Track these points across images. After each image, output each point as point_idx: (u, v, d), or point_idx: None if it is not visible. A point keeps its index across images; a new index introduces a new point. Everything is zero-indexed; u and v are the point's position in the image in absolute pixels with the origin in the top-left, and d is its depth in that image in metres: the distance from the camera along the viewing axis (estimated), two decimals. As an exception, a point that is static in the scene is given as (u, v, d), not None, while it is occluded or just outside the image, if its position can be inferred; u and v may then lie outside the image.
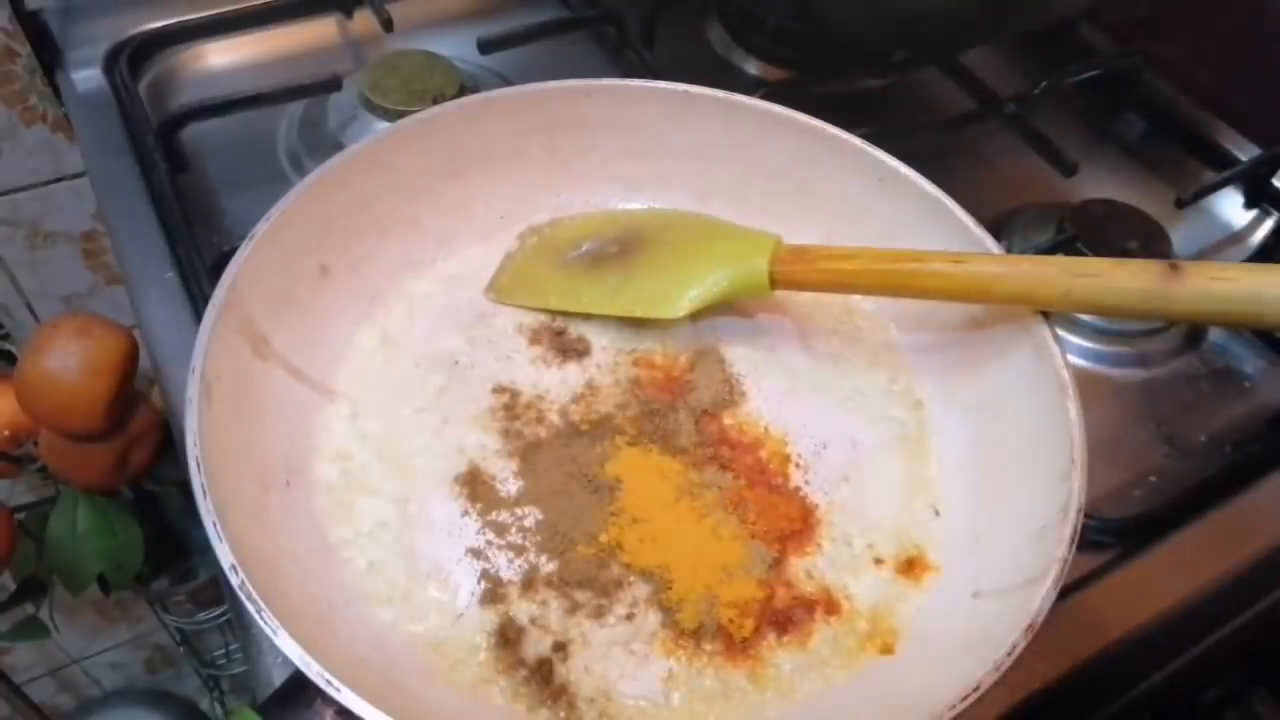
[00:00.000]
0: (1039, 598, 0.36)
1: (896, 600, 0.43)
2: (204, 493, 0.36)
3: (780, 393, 0.50)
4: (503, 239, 0.55)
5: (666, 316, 0.50)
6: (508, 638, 0.41)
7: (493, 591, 0.42)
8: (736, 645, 0.41)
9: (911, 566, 0.44)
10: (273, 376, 0.45)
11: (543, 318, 0.52)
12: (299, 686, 0.34)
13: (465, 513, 0.45)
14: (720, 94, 0.53)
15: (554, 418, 0.48)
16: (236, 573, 0.34)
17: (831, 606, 0.43)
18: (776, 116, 0.53)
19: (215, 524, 0.36)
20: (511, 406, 0.49)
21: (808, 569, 0.44)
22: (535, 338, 0.52)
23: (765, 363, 0.51)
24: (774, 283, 0.47)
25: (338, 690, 0.32)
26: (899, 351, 0.52)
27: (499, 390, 0.49)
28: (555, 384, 0.50)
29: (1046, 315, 0.45)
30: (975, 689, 0.34)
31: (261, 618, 0.33)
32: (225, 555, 0.35)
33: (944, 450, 0.48)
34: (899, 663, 0.41)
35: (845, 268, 0.46)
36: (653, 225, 0.54)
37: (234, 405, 0.41)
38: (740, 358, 0.51)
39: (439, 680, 0.39)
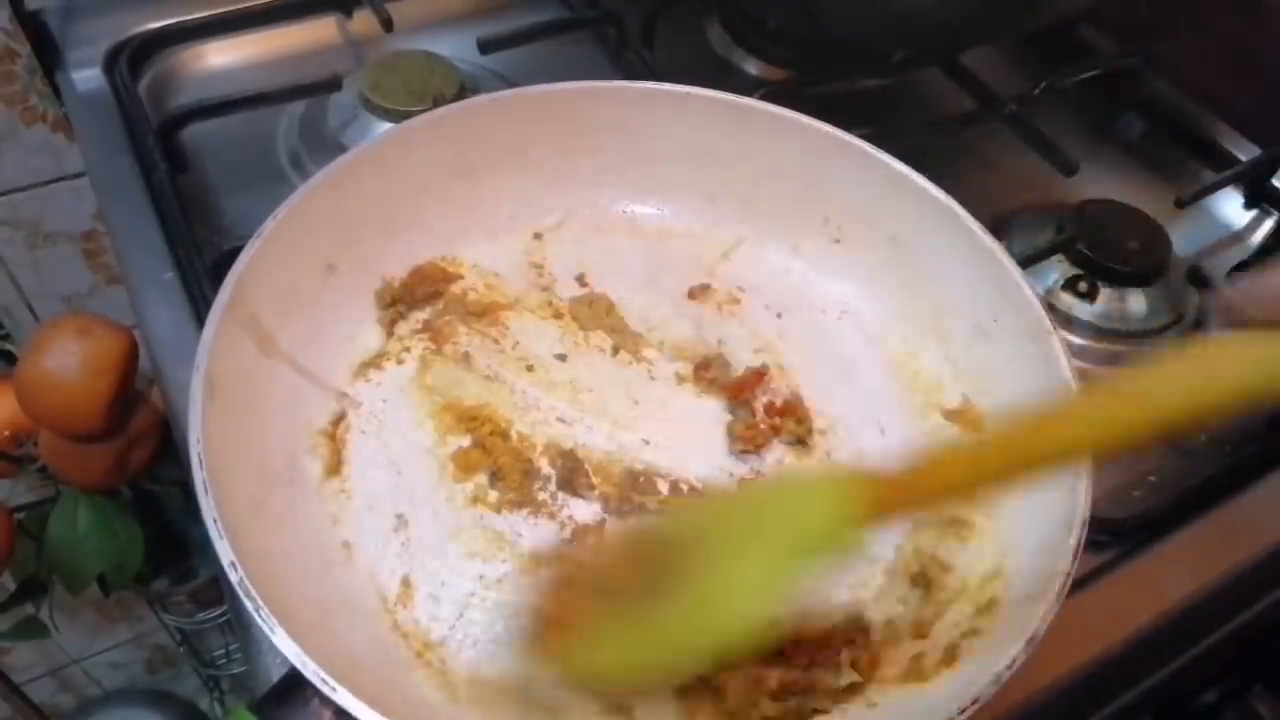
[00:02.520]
0: (1041, 610, 0.36)
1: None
2: (205, 489, 0.36)
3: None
4: (509, 239, 0.55)
5: (729, 642, 0.34)
6: (508, 636, 0.41)
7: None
8: None
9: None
10: (278, 374, 0.45)
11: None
12: (296, 685, 0.34)
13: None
14: (729, 97, 0.53)
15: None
16: (236, 570, 0.34)
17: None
18: (786, 120, 0.52)
19: (216, 521, 0.36)
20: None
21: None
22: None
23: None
24: (861, 523, 0.34)
25: (334, 690, 0.32)
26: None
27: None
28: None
29: (1054, 328, 0.44)
30: (974, 701, 0.34)
31: (259, 615, 0.33)
32: (225, 552, 0.35)
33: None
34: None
35: (947, 480, 0.33)
36: (679, 533, 0.38)
37: (238, 402, 0.41)
38: (749, 364, 0.51)
39: (437, 680, 0.39)
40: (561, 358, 0.51)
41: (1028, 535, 0.41)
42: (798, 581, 0.34)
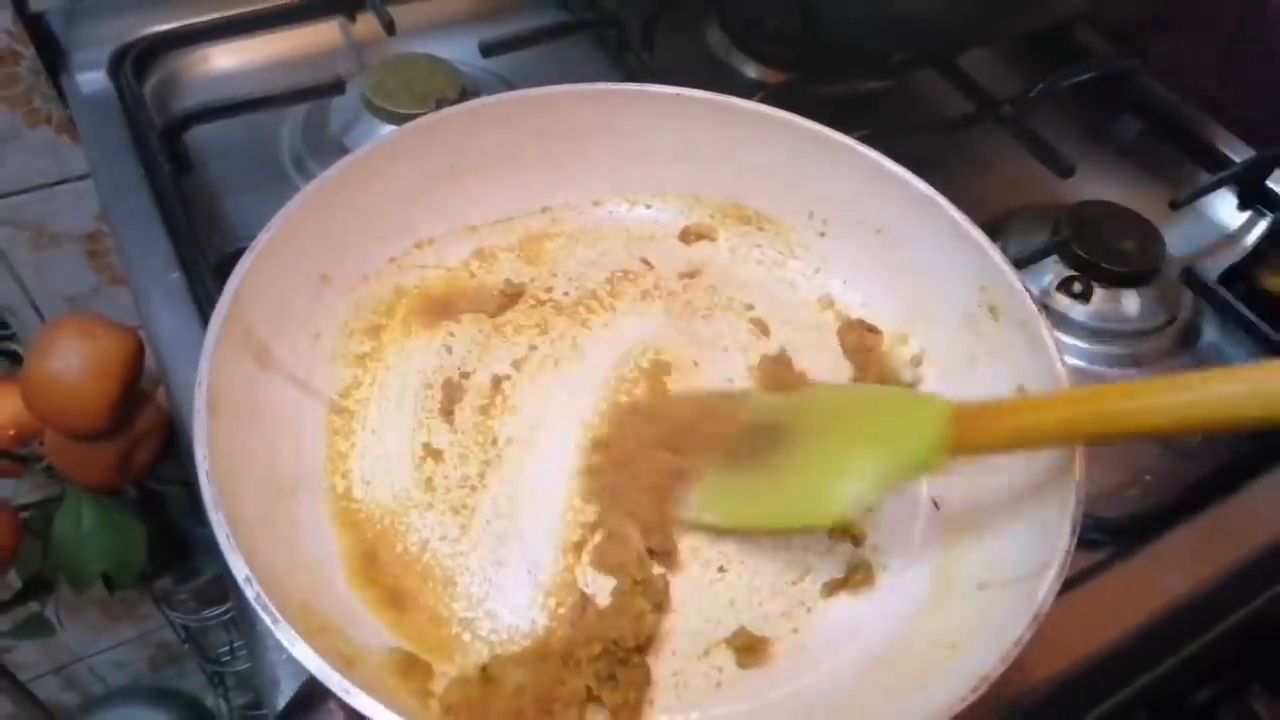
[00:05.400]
0: (1044, 588, 0.37)
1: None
2: (215, 506, 0.37)
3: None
4: (500, 243, 0.55)
5: (825, 524, 0.44)
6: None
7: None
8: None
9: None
10: (276, 387, 0.46)
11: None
12: (315, 696, 0.34)
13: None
14: (710, 96, 0.54)
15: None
16: (251, 585, 0.34)
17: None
18: (767, 117, 0.53)
19: (229, 536, 0.36)
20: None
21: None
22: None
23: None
24: (950, 452, 0.40)
25: (356, 698, 0.33)
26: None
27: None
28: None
29: (1043, 314, 0.45)
30: (984, 679, 0.34)
31: (278, 629, 0.34)
32: (240, 568, 0.35)
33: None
34: (905, 657, 0.41)
35: (1039, 422, 0.39)
36: (801, 412, 0.46)
37: (239, 417, 0.42)
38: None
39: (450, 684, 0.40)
40: (554, 360, 0.51)
41: (1029, 519, 0.42)
42: (890, 486, 0.41)
